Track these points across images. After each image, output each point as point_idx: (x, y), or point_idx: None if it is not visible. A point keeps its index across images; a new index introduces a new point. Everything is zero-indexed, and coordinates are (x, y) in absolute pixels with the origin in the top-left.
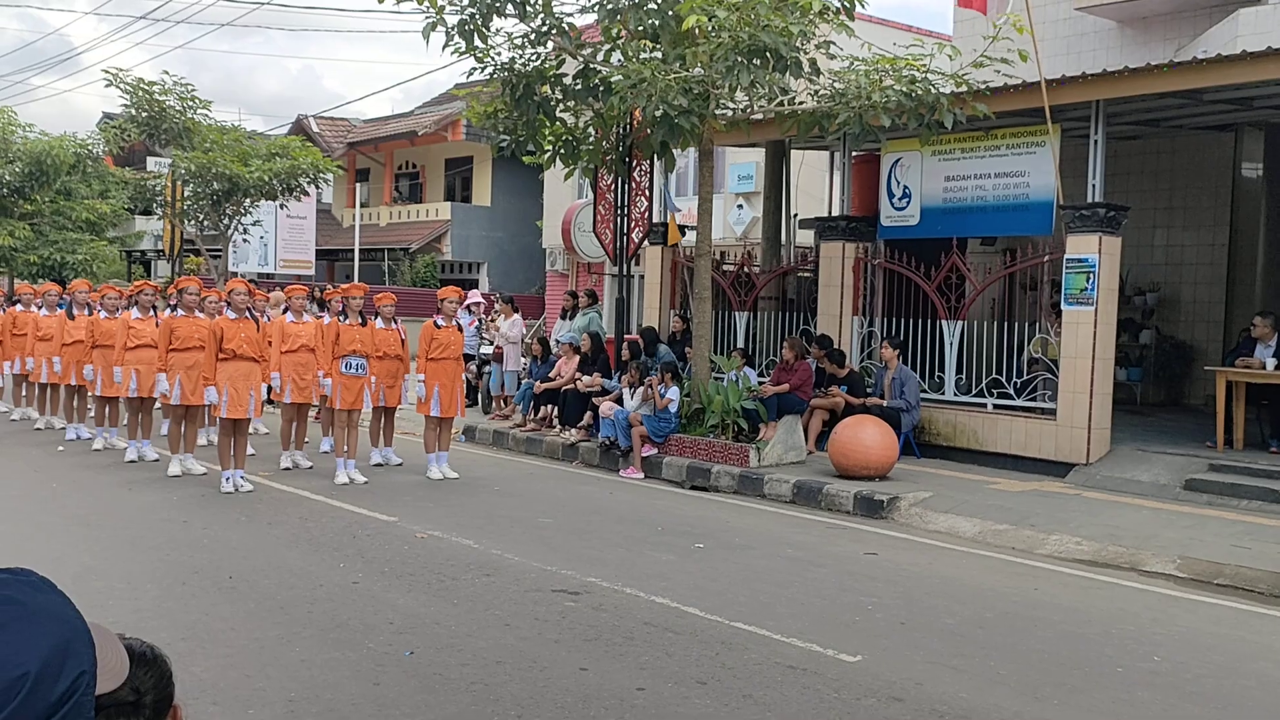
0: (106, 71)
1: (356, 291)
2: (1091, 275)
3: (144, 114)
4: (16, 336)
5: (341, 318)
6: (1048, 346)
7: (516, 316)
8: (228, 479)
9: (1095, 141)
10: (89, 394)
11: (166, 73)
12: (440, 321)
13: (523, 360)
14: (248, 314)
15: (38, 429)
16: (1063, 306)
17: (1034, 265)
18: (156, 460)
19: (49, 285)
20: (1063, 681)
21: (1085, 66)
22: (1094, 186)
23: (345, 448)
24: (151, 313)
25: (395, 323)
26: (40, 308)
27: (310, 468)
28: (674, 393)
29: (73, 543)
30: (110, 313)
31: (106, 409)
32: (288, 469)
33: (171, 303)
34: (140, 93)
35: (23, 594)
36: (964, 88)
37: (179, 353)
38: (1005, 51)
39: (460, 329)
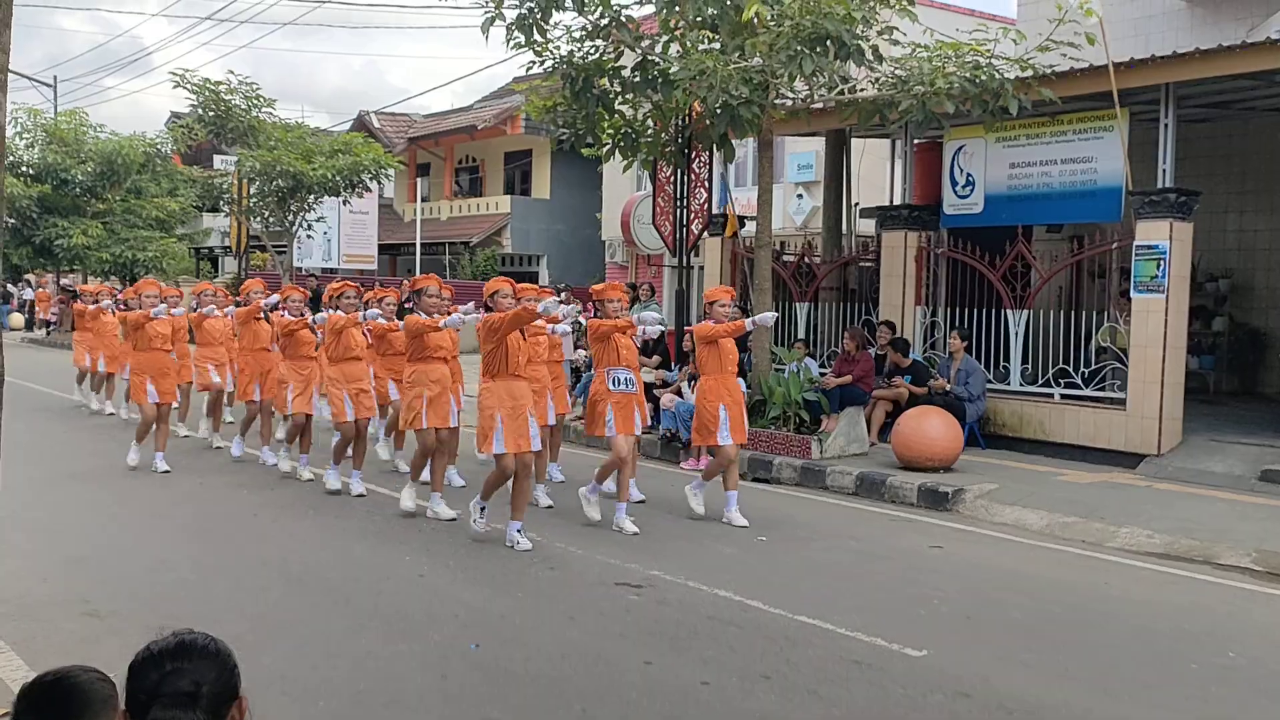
0: (174, 73)
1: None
2: (1162, 262)
3: (210, 113)
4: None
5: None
6: (1117, 335)
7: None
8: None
9: (1165, 125)
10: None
11: (232, 72)
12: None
13: (580, 352)
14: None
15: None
16: (1132, 294)
17: (1102, 252)
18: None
19: (205, 285)
20: (1135, 677)
21: (1154, 48)
22: (1164, 171)
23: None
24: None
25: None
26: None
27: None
28: None
29: (146, 535)
30: (296, 315)
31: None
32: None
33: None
34: (206, 92)
35: None
36: (1029, 72)
37: (424, 364)
38: (1071, 35)
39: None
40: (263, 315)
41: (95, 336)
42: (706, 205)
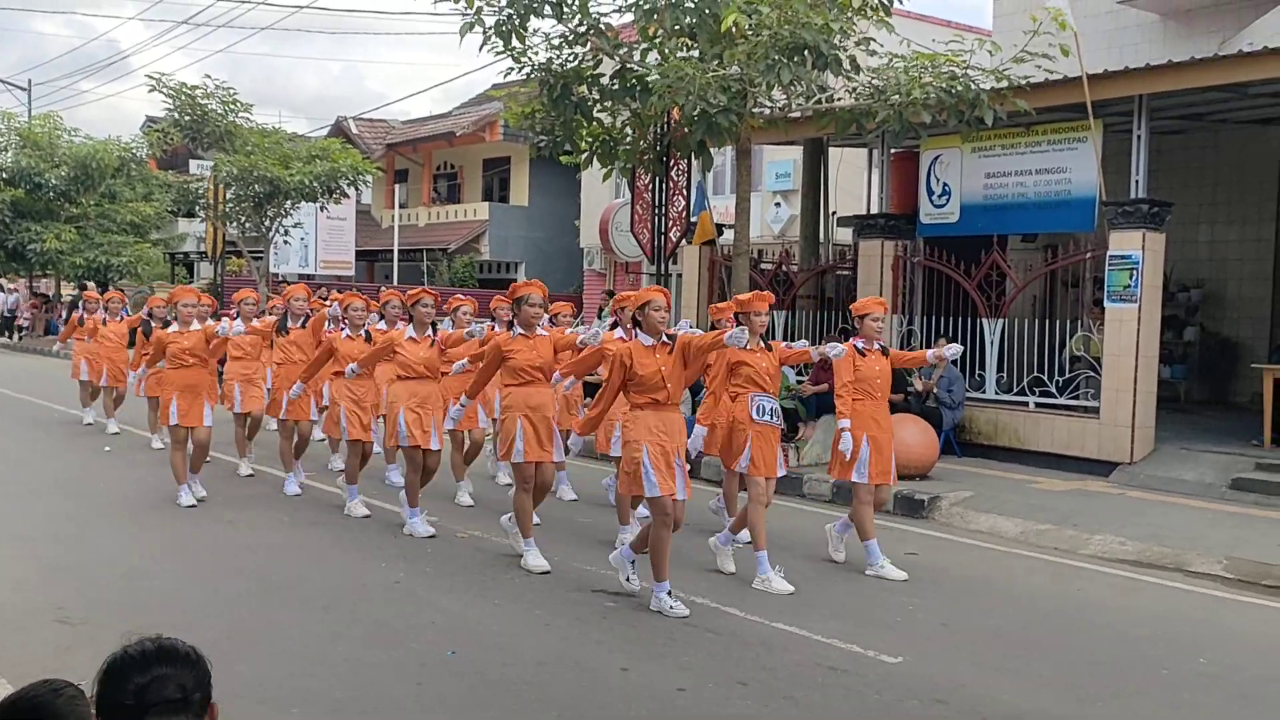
0: (150, 76)
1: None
2: (1135, 272)
3: (186, 118)
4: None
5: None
6: (1090, 344)
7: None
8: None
9: (1138, 137)
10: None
11: (208, 76)
12: (861, 345)
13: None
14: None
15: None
16: (1105, 304)
17: (1076, 262)
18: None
19: (246, 292)
20: (1110, 683)
21: (1128, 60)
22: (1137, 182)
23: None
24: (430, 332)
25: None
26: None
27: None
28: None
29: (121, 544)
30: (354, 330)
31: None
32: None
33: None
34: (183, 96)
35: None
36: (1004, 83)
37: (518, 388)
38: (1046, 46)
39: (885, 353)
40: (282, 329)
41: (98, 347)
42: (685, 213)
